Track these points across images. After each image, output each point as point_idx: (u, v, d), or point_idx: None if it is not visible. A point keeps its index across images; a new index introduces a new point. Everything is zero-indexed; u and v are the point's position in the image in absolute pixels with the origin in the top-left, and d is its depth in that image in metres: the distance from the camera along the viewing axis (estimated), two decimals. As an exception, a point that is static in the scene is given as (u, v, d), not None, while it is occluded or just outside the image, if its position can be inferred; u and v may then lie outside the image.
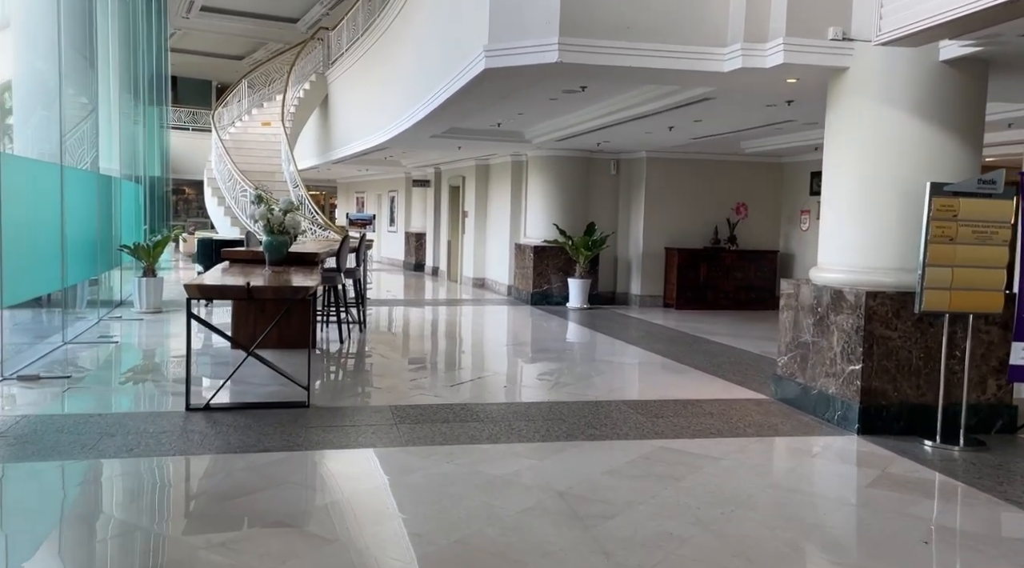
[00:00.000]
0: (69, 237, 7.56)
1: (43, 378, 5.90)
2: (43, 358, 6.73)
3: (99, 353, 7.24)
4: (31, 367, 6.30)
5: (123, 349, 7.52)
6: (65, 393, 5.53)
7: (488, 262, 14.55)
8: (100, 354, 7.20)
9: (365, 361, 7.50)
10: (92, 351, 7.29)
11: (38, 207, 6.46)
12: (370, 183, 22.16)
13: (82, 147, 9.86)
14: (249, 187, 12.67)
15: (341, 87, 14.94)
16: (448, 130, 10.48)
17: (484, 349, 8.52)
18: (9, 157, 5.71)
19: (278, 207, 7.12)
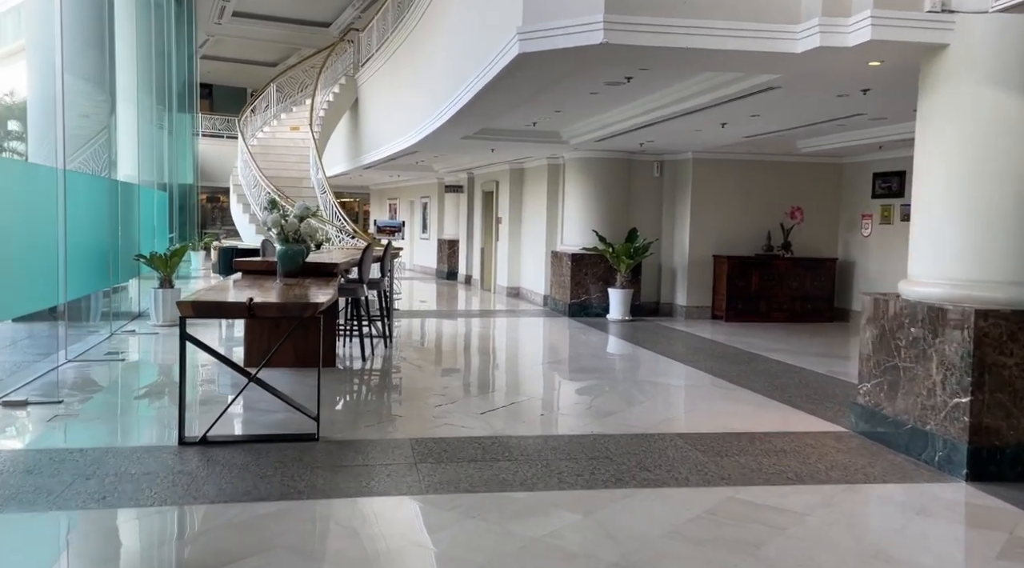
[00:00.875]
0: (74, 246, 7.05)
1: (31, 403, 5.33)
2: (39, 378, 6.19)
3: (101, 373, 6.68)
4: (24, 389, 5.75)
5: (128, 368, 6.96)
6: (49, 423, 4.94)
7: (523, 271, 13.85)
8: (102, 374, 6.65)
9: (387, 382, 6.83)
10: (95, 370, 6.74)
11: (30, 214, 5.92)
12: (402, 189, 21.63)
13: (104, 154, 9.43)
14: (274, 193, 12.15)
15: (371, 89, 14.39)
16: (480, 131, 9.81)
17: (518, 367, 7.80)
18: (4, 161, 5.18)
19: (293, 213, 6.51)
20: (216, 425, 4.69)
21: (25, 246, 5.84)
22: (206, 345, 4.70)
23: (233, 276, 6.71)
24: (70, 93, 8.73)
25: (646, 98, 7.56)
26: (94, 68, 8.93)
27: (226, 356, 4.84)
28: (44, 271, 6.17)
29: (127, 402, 5.85)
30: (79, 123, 8.79)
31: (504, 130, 9.94)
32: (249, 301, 4.48)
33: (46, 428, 4.85)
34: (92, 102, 9.03)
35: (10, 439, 4.64)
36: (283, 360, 6.89)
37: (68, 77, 8.63)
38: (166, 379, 6.55)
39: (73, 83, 8.68)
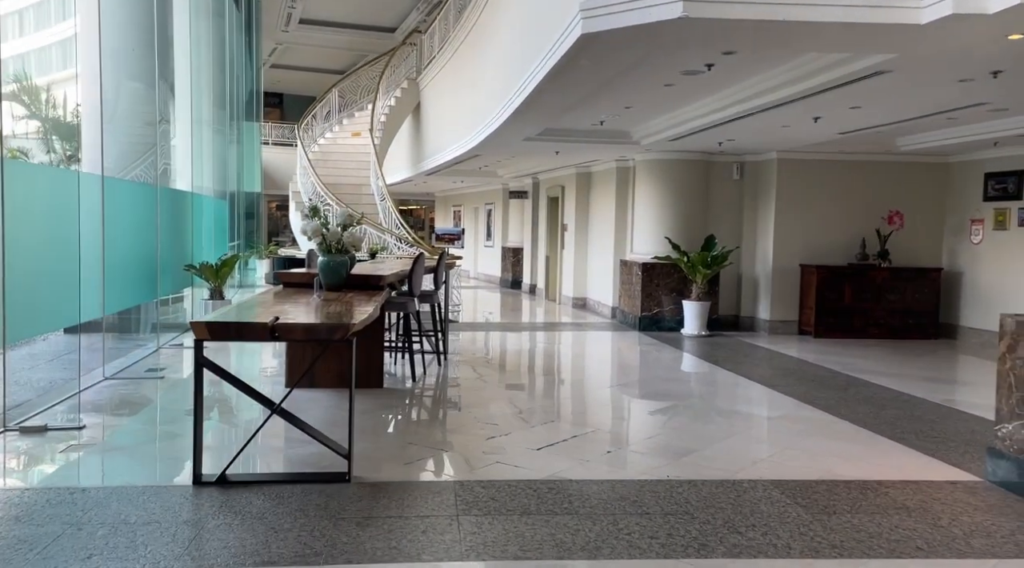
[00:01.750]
0: (113, 257, 6.69)
1: (51, 429, 4.90)
2: (70, 398, 5.80)
3: (136, 392, 6.27)
4: (51, 411, 5.35)
5: (165, 387, 6.53)
6: (62, 453, 4.48)
7: (590, 280, 13.08)
8: (136, 394, 6.23)
9: (436, 407, 6.20)
10: (130, 389, 6.33)
11: (60, 222, 5.53)
12: (466, 196, 21.15)
13: (162, 163, 9.19)
14: (332, 200, 11.76)
15: (432, 92, 13.91)
16: (543, 132, 9.14)
17: (583, 391, 7.06)
18: (14, 164, 4.78)
19: (335, 220, 5.96)
20: (240, 460, 4.15)
21: (56, 256, 5.45)
22: (223, 370, 4.14)
23: (274, 288, 6.20)
24: (127, 102, 8.50)
25: (729, 90, 6.75)
26: (150, 77, 8.67)
27: (246, 383, 4.27)
28: (77, 283, 5.78)
29: (152, 429, 5.37)
30: (136, 132, 8.55)
31: (569, 130, 9.24)
32: (272, 323, 3.91)
33: (56, 460, 4.39)
34: (149, 111, 8.78)
35: (13, 474, 4.19)
36: (326, 380, 6.36)
37: (128, 85, 8.40)
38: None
39: (130, 92, 8.44)
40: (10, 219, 4.69)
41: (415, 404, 6.21)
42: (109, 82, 8.23)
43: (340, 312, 4.58)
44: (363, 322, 4.25)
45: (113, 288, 6.73)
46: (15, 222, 4.77)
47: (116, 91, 8.32)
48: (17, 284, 4.81)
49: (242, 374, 7.22)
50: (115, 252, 6.78)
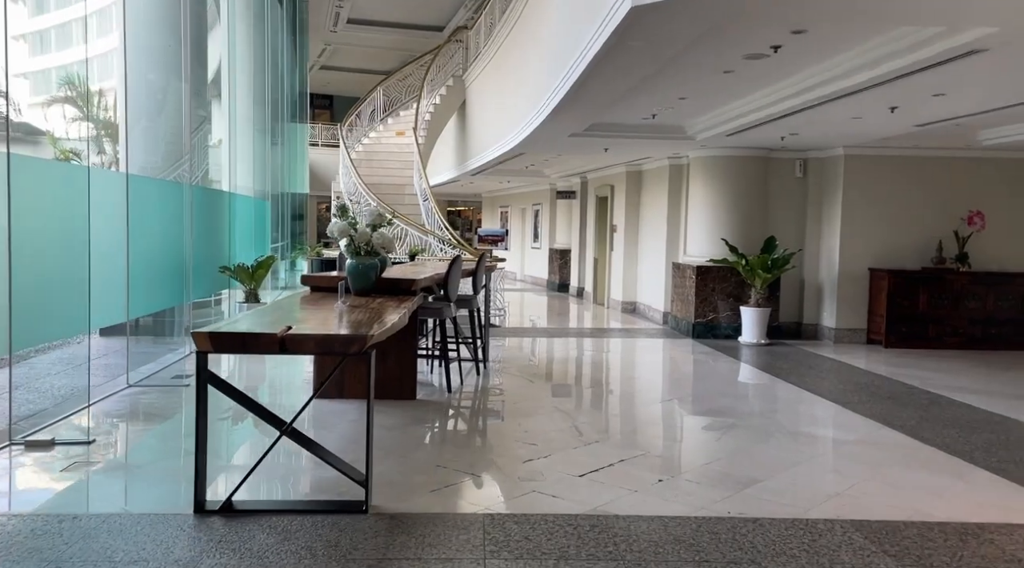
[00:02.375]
0: (139, 258, 6.40)
1: (59, 443, 4.58)
2: (87, 408, 5.50)
3: (157, 402, 5.95)
4: (61, 423, 5.05)
5: (189, 396, 6.18)
6: (62, 472, 4.14)
7: (640, 284, 12.49)
8: (157, 404, 5.91)
9: (471, 423, 5.73)
10: (152, 398, 6.02)
11: (68, 221, 5.22)
12: (513, 196, 20.69)
13: (202, 164, 8.99)
14: (373, 200, 11.42)
15: (478, 89, 13.48)
16: (590, 127, 8.61)
17: (633, 406, 6.50)
18: (17, 158, 4.47)
19: (364, 220, 5.54)
20: (251, 483, 3.75)
21: (67, 257, 5.15)
22: (228, 385, 3.74)
23: (301, 292, 5.82)
24: (163, 102, 8.27)
25: (795, 77, 6.13)
26: (189, 78, 8.45)
27: (253, 400, 3.84)
28: (87, 286, 5.47)
29: (165, 445, 5.02)
30: (173, 133, 8.33)
31: (618, 125, 8.69)
32: (282, 334, 3.49)
33: (53, 480, 4.05)
34: (188, 111, 8.57)
35: (3, 497, 3.86)
36: (356, 390, 5.96)
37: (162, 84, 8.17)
38: (224, 415, 5.72)
39: (165, 92, 8.22)
40: (14, 217, 4.39)
41: (448, 419, 5.75)
42: (140, 81, 8.03)
43: (362, 321, 4.15)
44: (384, 333, 3.80)
45: (139, 291, 6.45)
46: (19, 220, 4.46)
47: (150, 91, 8.10)
48: (21, 287, 4.51)
49: (273, 382, 6.93)
50: (141, 253, 6.50)
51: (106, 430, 5.09)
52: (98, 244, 5.54)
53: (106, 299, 5.90)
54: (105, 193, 5.85)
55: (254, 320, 4.07)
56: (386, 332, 3.86)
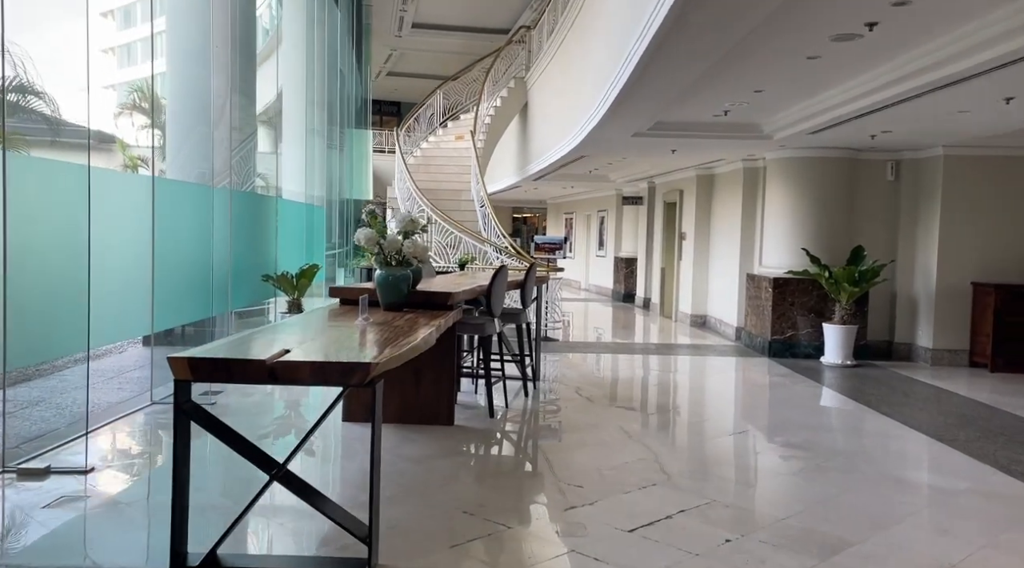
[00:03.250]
0: (166, 266, 6.03)
1: (54, 472, 4.17)
2: (104, 426, 5.12)
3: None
4: (66, 448, 4.66)
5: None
6: (43, 509, 3.69)
7: (711, 296, 11.63)
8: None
9: (510, 457, 5.09)
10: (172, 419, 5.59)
11: (69, 226, 4.83)
12: (578, 202, 20.01)
13: (247, 169, 8.71)
14: (426, 206, 10.94)
15: (539, 90, 12.89)
16: (655, 126, 7.89)
17: (700, 439, 5.74)
18: (15, 156, 4.09)
19: (395, 226, 4.99)
20: (238, 534, 3.22)
21: (72, 266, 4.76)
22: (213, 419, 3.21)
23: (329, 304, 5.31)
24: (206, 106, 7.99)
25: (893, 62, 5.30)
26: (242, 82, 8.18)
27: (241, 436, 3.27)
28: (86, 297, 5.09)
29: (166, 478, 4.55)
30: (223, 134, 8.05)
31: (686, 124, 7.94)
32: (271, 360, 2.94)
33: (29, 521, 3.60)
34: (237, 116, 8.29)
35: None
36: (388, 412, 5.41)
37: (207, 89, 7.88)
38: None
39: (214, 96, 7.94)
40: (12, 221, 4.00)
41: (484, 451, 5.12)
42: (183, 84, 7.75)
43: (378, 341, 3.58)
44: (396, 358, 3.21)
45: (166, 301, 6.07)
46: (18, 225, 4.08)
47: (195, 95, 7.80)
48: (22, 299, 4.12)
49: (300, 401, 6.41)
50: (169, 261, 6.12)
51: (110, 457, 4.68)
52: (88, 250, 5.14)
53: (121, 312, 5.52)
54: (125, 197, 5.48)
55: (252, 341, 3.55)
56: (400, 357, 3.27)
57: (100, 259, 4.92)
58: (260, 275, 8.16)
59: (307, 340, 3.59)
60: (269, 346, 3.28)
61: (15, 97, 6.03)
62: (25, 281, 4.22)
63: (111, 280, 5.22)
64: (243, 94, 8.43)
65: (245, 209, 8.04)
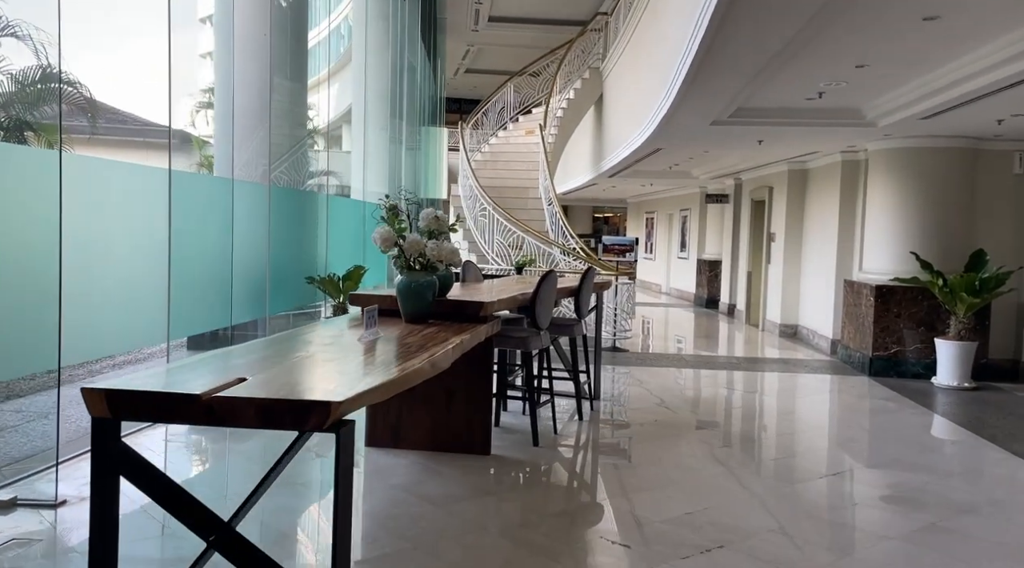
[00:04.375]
0: (184, 267, 5.53)
1: (20, 504, 3.67)
2: (53, 466, 4.62)
3: (186, 443, 5.01)
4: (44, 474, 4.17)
5: (237, 436, 5.22)
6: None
7: (803, 304, 10.50)
8: (183, 446, 4.97)
9: (546, 500, 4.28)
10: (184, 438, 5.09)
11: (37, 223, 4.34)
12: (659, 201, 18.95)
13: (303, 167, 8.28)
14: (488, 204, 10.26)
15: (615, 80, 12.01)
16: (737, 112, 6.95)
17: (786, 482, 4.79)
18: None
19: (419, 225, 4.31)
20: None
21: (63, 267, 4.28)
22: (148, 467, 2.56)
23: (348, 315, 4.66)
24: (267, 103, 7.59)
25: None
26: (291, 76, 7.75)
27: (183, 490, 2.58)
28: (124, 302, 4.61)
29: (142, 517, 3.98)
30: (279, 134, 7.65)
31: (772, 109, 6.97)
32: (206, 395, 2.28)
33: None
34: (291, 115, 7.87)
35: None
36: (415, 437, 4.75)
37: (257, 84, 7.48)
38: (254, 465, 4.67)
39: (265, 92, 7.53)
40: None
41: (520, 491, 4.35)
42: (229, 79, 7.34)
43: (371, 364, 2.90)
44: (377, 392, 2.50)
45: (185, 307, 5.57)
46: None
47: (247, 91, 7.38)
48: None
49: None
50: (189, 263, 5.62)
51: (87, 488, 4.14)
52: (59, 251, 4.66)
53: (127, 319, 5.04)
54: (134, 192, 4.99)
55: (206, 364, 2.90)
56: (384, 390, 2.56)
57: (105, 257, 4.44)
58: (303, 277, 7.66)
59: (281, 363, 2.92)
60: (224, 372, 2.63)
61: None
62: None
63: (141, 281, 4.80)
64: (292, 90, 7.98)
65: (286, 207, 7.55)
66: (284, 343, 3.42)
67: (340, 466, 2.38)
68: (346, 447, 2.39)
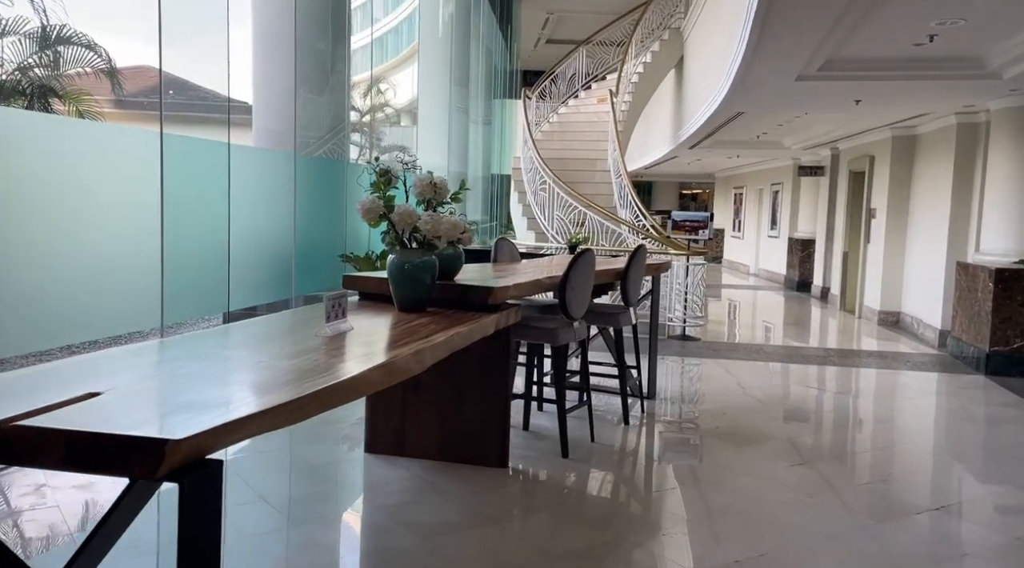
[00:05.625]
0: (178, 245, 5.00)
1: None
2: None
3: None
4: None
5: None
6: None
7: (907, 288, 9.24)
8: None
9: (564, 536, 3.48)
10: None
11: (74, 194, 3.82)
12: (748, 175, 17.61)
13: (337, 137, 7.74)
14: (548, 177, 9.43)
15: (696, 39, 10.90)
16: (826, 64, 5.87)
17: (877, 521, 3.82)
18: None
19: (414, 194, 3.57)
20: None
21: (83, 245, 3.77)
22: None
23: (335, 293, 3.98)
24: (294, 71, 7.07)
25: None
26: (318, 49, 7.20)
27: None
28: (118, 281, 4.10)
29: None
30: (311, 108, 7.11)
31: (870, 60, 5.85)
32: (8, 422, 1.63)
33: None
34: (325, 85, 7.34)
35: None
36: (421, 445, 4.07)
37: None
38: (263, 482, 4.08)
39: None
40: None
41: (530, 518, 3.57)
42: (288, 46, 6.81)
43: (300, 372, 2.20)
44: (243, 427, 1.79)
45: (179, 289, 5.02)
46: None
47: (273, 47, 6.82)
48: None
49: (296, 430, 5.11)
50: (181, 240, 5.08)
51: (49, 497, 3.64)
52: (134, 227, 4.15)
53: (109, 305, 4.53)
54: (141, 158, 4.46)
55: (62, 369, 2.24)
56: (269, 421, 1.85)
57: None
58: (337, 255, 7.09)
59: (180, 369, 2.24)
60: (93, 379, 1.98)
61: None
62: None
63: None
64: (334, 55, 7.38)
65: (314, 178, 6.97)
66: (217, 338, 2.77)
67: (185, 536, 1.67)
68: (198, 503, 1.69)
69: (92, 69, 6.51)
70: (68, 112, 6.77)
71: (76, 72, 6.55)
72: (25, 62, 6.22)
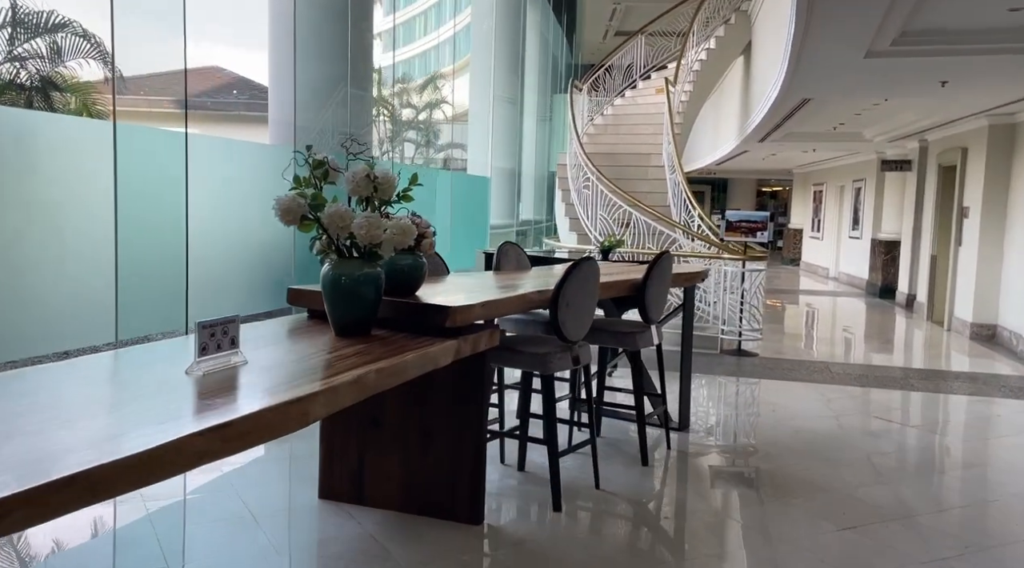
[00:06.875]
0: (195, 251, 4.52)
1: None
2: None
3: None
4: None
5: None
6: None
7: (1005, 298, 8.07)
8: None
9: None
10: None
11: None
12: (828, 171, 16.31)
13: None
14: (592, 173, 8.66)
15: (763, 23, 9.91)
16: (900, 37, 4.94)
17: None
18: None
19: (347, 187, 2.91)
20: None
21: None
22: None
23: (290, 318, 3.36)
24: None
25: None
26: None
27: None
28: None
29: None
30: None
31: (955, 31, 4.87)
32: None
33: None
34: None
35: None
36: (383, 493, 3.42)
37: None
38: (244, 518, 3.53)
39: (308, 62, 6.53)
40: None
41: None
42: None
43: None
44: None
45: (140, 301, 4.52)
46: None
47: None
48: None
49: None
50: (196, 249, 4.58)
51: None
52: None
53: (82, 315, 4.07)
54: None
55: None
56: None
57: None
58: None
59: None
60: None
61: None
62: None
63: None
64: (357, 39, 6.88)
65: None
66: (66, 370, 2.18)
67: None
68: None
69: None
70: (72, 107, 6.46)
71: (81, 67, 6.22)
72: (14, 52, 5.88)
